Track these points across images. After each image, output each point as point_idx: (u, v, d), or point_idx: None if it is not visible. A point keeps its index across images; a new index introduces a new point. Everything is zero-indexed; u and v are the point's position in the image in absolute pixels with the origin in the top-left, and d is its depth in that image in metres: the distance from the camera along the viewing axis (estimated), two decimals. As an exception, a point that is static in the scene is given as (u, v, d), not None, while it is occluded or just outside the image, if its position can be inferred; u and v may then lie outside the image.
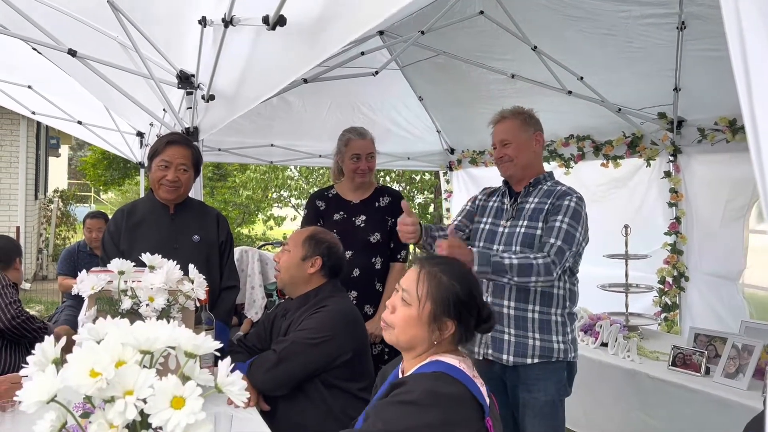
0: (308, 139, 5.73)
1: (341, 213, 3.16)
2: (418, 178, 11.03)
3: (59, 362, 0.91)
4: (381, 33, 4.61)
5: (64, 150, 18.11)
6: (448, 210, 6.81)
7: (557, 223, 2.37)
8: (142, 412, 0.89)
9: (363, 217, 3.14)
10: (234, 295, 2.77)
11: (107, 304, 1.88)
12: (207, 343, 0.97)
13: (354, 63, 3.91)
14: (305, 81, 3.26)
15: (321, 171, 11.34)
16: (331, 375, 2.23)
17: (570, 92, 3.88)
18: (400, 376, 1.61)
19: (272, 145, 5.71)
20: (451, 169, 6.50)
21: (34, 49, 3.67)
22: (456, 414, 1.43)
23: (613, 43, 3.68)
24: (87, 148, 18.13)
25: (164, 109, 3.18)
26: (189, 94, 3.04)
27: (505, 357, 2.41)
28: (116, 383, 0.87)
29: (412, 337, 1.57)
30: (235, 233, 11.93)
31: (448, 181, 6.67)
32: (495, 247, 2.51)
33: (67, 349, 0.95)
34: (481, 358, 2.48)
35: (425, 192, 11.26)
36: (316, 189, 8.11)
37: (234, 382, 0.96)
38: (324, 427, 2.16)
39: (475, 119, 5.42)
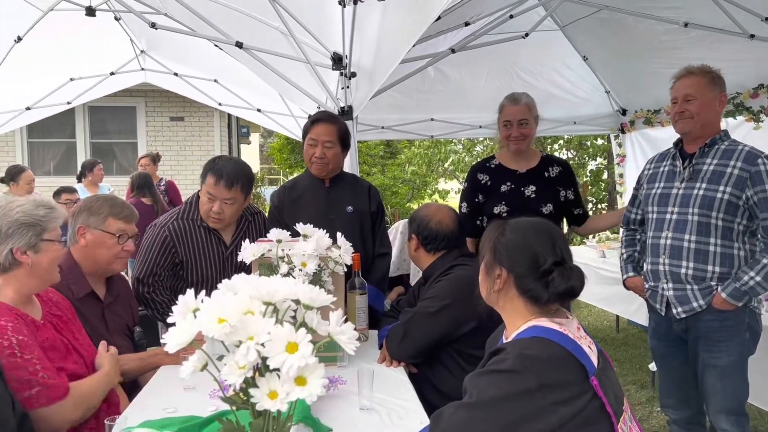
0: (467, 110, 5.69)
1: (509, 184, 3.10)
2: (589, 143, 10.45)
3: (197, 311, 1.05)
4: (537, -7, 4.44)
5: (255, 138, 19.89)
6: (621, 176, 6.39)
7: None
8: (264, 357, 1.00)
9: (533, 188, 3.08)
10: (386, 261, 2.90)
11: (267, 269, 2.08)
12: (321, 296, 1.06)
13: (507, 28, 3.81)
14: (453, 51, 3.26)
15: (485, 143, 11.22)
16: (461, 344, 2.26)
17: (752, 36, 3.44)
18: (504, 341, 1.59)
19: (432, 119, 5.75)
20: (623, 132, 6.08)
21: (216, 45, 4.08)
22: (553, 376, 1.38)
23: (807, -28, 3.19)
24: (274, 135, 19.63)
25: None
26: (343, 75, 3.21)
27: (695, 304, 2.50)
28: (240, 329, 0.99)
29: (485, 294, 1.62)
30: (404, 208, 12.31)
31: (620, 145, 6.25)
32: (669, 209, 2.58)
33: None
34: (678, 317, 2.57)
35: (597, 158, 10.63)
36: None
37: (343, 332, 1.04)
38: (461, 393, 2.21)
39: (648, 76, 5.00)
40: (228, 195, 2.62)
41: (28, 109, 5.82)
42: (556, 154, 10.43)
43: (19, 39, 4.63)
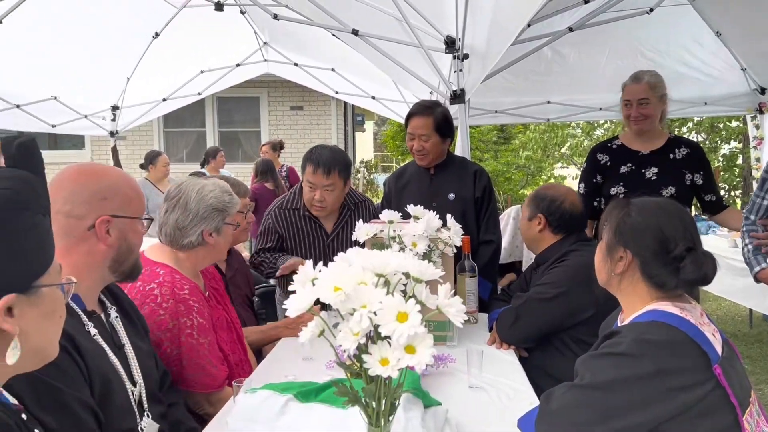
0: (586, 92, 5.48)
1: (629, 165, 3.01)
2: (722, 125, 9.67)
3: (316, 280, 1.13)
4: (663, -35, 4.17)
5: (369, 126, 20.31)
6: (757, 160, 5.91)
7: None
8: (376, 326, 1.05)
9: (654, 170, 2.96)
10: (491, 248, 2.85)
11: (380, 248, 2.15)
12: (429, 270, 1.10)
13: (630, 3, 3.63)
14: (571, 29, 3.17)
15: (606, 125, 10.70)
16: (577, 331, 2.19)
17: None
18: (619, 325, 1.53)
19: (548, 102, 5.61)
20: (761, 112, 5.59)
21: (333, 34, 4.22)
22: (671, 362, 1.31)
23: None
24: (388, 122, 19.92)
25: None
26: (456, 58, 3.21)
27: None
28: (354, 298, 1.05)
29: (603, 277, 1.56)
30: (518, 195, 12.06)
31: (757, 126, 5.77)
32: None
33: None
34: None
35: (731, 141, 9.81)
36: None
37: (452, 304, 1.06)
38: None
39: (791, 50, 4.58)
40: (327, 182, 2.72)
41: (164, 100, 6.31)
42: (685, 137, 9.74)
43: (157, 35, 5.04)
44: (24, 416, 1.00)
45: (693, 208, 3.28)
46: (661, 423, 1.32)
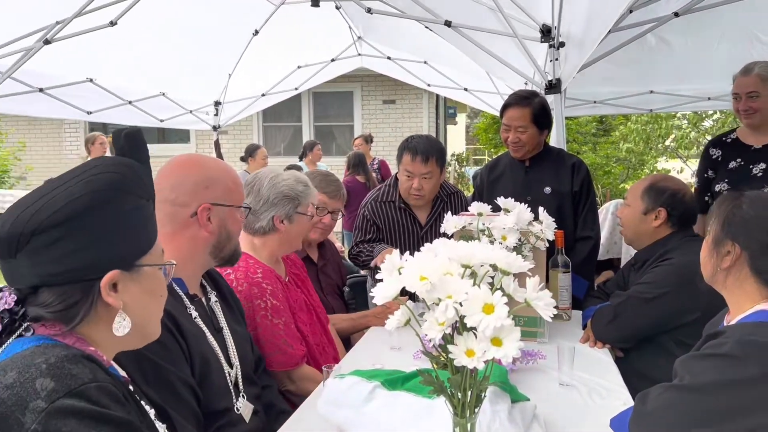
0: (693, 80, 5.15)
1: (738, 160, 2.86)
2: None
3: (402, 269, 1.13)
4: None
5: (461, 118, 20.13)
6: None
7: None
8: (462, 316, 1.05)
9: (762, 165, 2.79)
10: (589, 245, 2.75)
11: (467, 240, 2.13)
12: (517, 262, 1.08)
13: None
14: (676, 15, 3.00)
15: (714, 116, 10.00)
16: (680, 333, 2.07)
17: None
18: (725, 325, 1.43)
19: (651, 91, 5.33)
20: None
21: (426, 27, 4.21)
22: None
23: None
24: (480, 115, 19.65)
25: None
26: (551, 46, 3.12)
27: None
28: (439, 288, 1.05)
29: (708, 272, 1.48)
30: (617, 189, 11.55)
31: None
32: None
33: None
34: None
35: None
36: (709, 138, 7.31)
37: (540, 297, 1.04)
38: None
39: None
40: (425, 169, 2.74)
41: (263, 95, 6.54)
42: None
43: (257, 32, 5.23)
44: (131, 388, 1.07)
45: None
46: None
